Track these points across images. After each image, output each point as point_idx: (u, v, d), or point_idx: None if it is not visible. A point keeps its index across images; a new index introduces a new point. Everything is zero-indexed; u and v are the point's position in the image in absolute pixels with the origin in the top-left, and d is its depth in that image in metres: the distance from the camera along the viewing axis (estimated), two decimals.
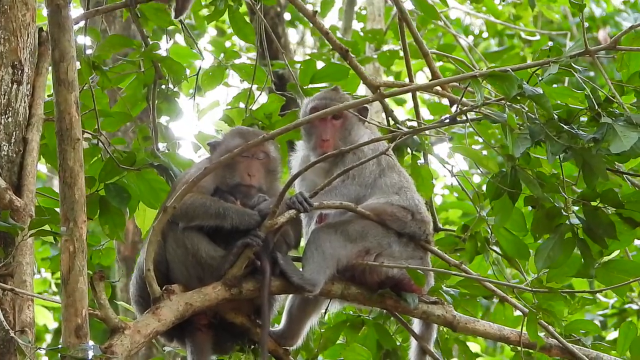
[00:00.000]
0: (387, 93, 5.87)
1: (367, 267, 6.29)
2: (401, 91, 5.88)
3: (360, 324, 6.97)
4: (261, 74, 8.01)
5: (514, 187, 5.82)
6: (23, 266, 6.10)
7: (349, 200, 6.37)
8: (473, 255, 6.66)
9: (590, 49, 5.94)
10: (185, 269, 6.19)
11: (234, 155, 6.00)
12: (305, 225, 6.51)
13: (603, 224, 5.87)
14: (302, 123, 6.23)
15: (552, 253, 5.91)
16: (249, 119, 7.64)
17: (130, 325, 5.88)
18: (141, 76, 7.41)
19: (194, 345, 6.34)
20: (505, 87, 5.66)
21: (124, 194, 6.84)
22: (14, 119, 6.35)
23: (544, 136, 5.62)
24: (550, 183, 5.84)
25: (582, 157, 5.70)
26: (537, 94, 5.61)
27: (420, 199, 6.51)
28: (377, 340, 6.92)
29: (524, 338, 6.32)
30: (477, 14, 15.19)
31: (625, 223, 5.91)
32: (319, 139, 6.53)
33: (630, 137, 5.57)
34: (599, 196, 5.88)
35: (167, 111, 7.53)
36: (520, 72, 5.83)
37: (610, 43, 6.02)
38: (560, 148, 5.63)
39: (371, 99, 5.84)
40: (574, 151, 5.67)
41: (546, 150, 5.67)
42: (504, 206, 5.89)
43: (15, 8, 6.44)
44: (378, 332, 6.91)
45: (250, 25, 7.88)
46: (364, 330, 6.95)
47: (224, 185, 6.31)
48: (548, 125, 5.66)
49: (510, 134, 5.58)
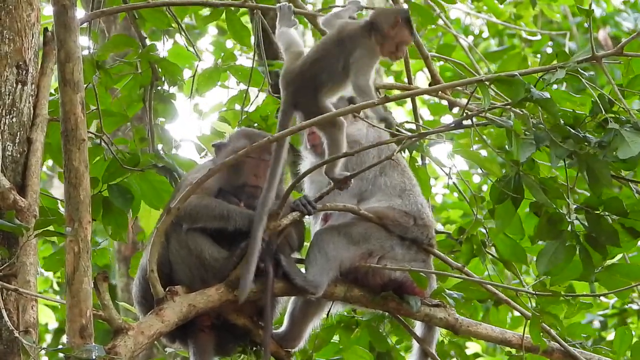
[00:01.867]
0: (392, 97, 5.87)
1: (370, 270, 6.29)
2: (405, 95, 5.88)
3: (354, 325, 6.98)
4: (258, 77, 8.01)
5: (518, 192, 5.83)
6: (27, 266, 6.11)
7: (352, 196, 6.38)
8: (469, 258, 6.66)
9: (596, 55, 5.95)
10: (188, 270, 6.19)
11: (239, 157, 6.00)
12: (313, 225, 6.53)
13: (606, 232, 5.87)
14: (306, 126, 6.22)
15: (553, 257, 5.91)
16: (245, 121, 7.65)
17: (134, 327, 5.89)
18: (138, 77, 7.41)
19: (197, 346, 6.34)
20: (513, 92, 5.66)
21: (128, 195, 6.85)
22: (19, 119, 6.36)
23: (549, 141, 5.62)
24: (554, 189, 5.84)
25: (586, 163, 5.70)
26: (544, 99, 5.61)
27: (424, 202, 6.52)
28: (369, 342, 6.94)
29: (526, 341, 6.34)
30: (478, 14, 15.18)
31: (627, 233, 5.91)
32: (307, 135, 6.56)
33: (637, 143, 5.57)
34: (603, 203, 5.88)
35: (163, 112, 7.53)
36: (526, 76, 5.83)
37: (616, 49, 6.03)
38: (565, 152, 5.63)
39: (377, 102, 5.84)
40: (579, 156, 5.67)
41: (550, 154, 5.67)
42: (507, 211, 5.89)
43: (20, 8, 6.44)
44: (371, 333, 6.92)
45: (246, 27, 7.89)
46: (357, 332, 6.97)
47: (229, 186, 6.32)
48: (553, 130, 5.66)
49: (516, 139, 5.58)
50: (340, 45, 6.13)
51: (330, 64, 6.10)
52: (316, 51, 6.17)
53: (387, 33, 6.17)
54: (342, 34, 6.17)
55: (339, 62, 6.10)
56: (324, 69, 6.10)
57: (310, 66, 6.12)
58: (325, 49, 6.15)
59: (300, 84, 6.10)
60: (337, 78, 6.09)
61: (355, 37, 6.14)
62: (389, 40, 6.17)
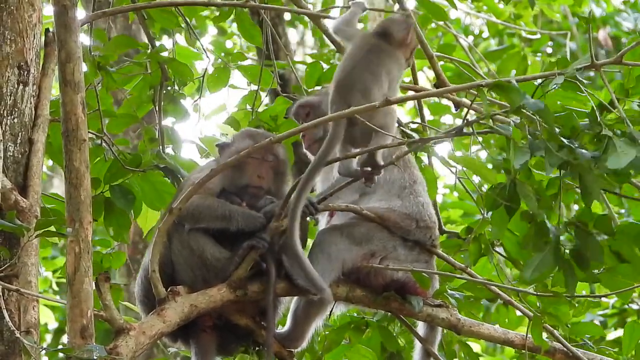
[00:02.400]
0: (394, 99, 5.86)
1: (372, 270, 6.29)
2: (408, 98, 5.89)
3: (364, 326, 6.97)
4: (266, 76, 7.99)
5: (512, 199, 5.82)
6: (28, 267, 6.10)
7: (354, 191, 6.38)
8: (477, 257, 6.65)
9: (596, 62, 5.95)
10: (190, 271, 6.19)
11: (241, 157, 6.00)
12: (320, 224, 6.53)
13: (591, 248, 5.84)
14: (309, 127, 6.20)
15: (538, 269, 5.88)
16: (254, 121, 7.63)
17: (135, 327, 5.88)
18: (147, 78, 7.41)
19: (198, 346, 6.34)
20: (509, 99, 5.65)
21: (129, 196, 6.85)
22: (20, 119, 6.35)
23: (544, 149, 5.59)
24: (547, 199, 5.83)
25: (579, 175, 5.66)
26: (540, 108, 5.59)
27: (426, 201, 6.49)
28: (381, 343, 6.92)
29: (529, 342, 6.33)
30: (478, 14, 15.18)
31: (614, 255, 5.89)
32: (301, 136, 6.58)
33: (628, 154, 5.52)
34: (594, 220, 5.86)
35: (172, 112, 7.52)
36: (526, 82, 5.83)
37: (616, 58, 6.03)
38: (558, 160, 5.59)
39: (378, 105, 5.83)
40: (572, 166, 5.64)
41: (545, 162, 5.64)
42: (501, 219, 5.89)
43: (21, 9, 6.44)
44: (382, 334, 6.90)
45: (257, 27, 7.87)
46: (368, 333, 6.95)
47: (231, 186, 6.32)
48: (549, 138, 5.63)
49: (514, 146, 5.57)
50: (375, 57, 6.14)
51: (372, 72, 6.09)
52: (355, 59, 6.16)
53: (403, 41, 6.21)
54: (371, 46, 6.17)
55: (379, 69, 6.11)
56: (367, 75, 6.09)
57: (356, 71, 6.10)
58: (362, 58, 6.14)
59: (350, 86, 6.08)
60: (379, 84, 6.10)
61: (387, 51, 6.17)
62: (404, 48, 6.22)
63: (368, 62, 6.12)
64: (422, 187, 6.55)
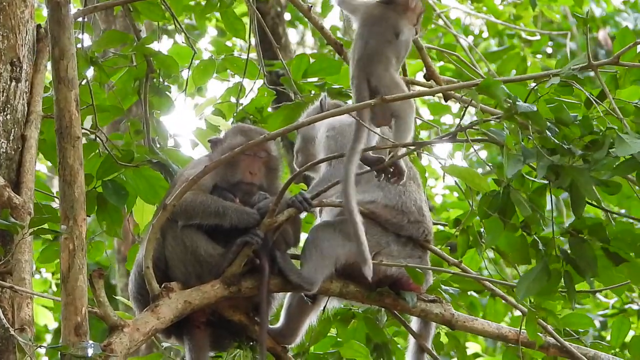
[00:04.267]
0: (389, 98, 5.86)
1: None
2: (403, 97, 5.87)
3: (351, 318, 6.97)
4: (254, 68, 8.00)
5: (506, 207, 5.81)
6: (22, 264, 6.10)
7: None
8: (465, 250, 6.64)
9: (592, 63, 5.95)
10: (184, 267, 6.19)
11: (235, 154, 6.00)
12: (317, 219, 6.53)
13: (586, 258, 5.83)
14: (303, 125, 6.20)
15: (532, 285, 5.87)
16: (240, 113, 7.64)
17: (129, 323, 5.88)
18: (133, 70, 7.38)
19: (192, 342, 6.33)
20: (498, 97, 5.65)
21: (122, 191, 6.84)
22: (13, 116, 6.35)
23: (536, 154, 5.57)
24: (540, 207, 5.81)
25: (570, 178, 5.63)
26: (531, 111, 5.58)
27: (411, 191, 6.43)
28: (366, 334, 6.92)
29: (522, 337, 6.32)
30: (478, 14, 15.18)
31: (610, 259, 5.87)
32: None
33: (637, 143, 5.50)
34: (587, 228, 5.85)
35: (158, 105, 7.51)
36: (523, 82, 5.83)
37: (612, 59, 6.03)
38: (549, 162, 5.57)
39: (372, 102, 5.83)
40: (564, 170, 5.61)
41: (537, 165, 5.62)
42: (495, 226, 5.88)
43: (13, 5, 6.44)
44: (368, 325, 6.90)
45: (241, 21, 7.88)
46: (354, 324, 6.95)
47: (224, 182, 6.31)
48: (540, 141, 5.62)
49: (507, 153, 5.56)
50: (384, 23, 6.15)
51: (385, 40, 6.10)
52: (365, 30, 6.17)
53: (407, 5, 6.21)
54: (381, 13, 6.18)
55: (391, 35, 6.12)
56: (381, 44, 6.09)
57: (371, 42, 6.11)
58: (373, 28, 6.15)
59: (368, 57, 6.09)
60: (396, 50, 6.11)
61: (394, 17, 6.18)
62: (410, 12, 6.22)
63: (379, 31, 6.11)
64: (413, 181, 6.51)
